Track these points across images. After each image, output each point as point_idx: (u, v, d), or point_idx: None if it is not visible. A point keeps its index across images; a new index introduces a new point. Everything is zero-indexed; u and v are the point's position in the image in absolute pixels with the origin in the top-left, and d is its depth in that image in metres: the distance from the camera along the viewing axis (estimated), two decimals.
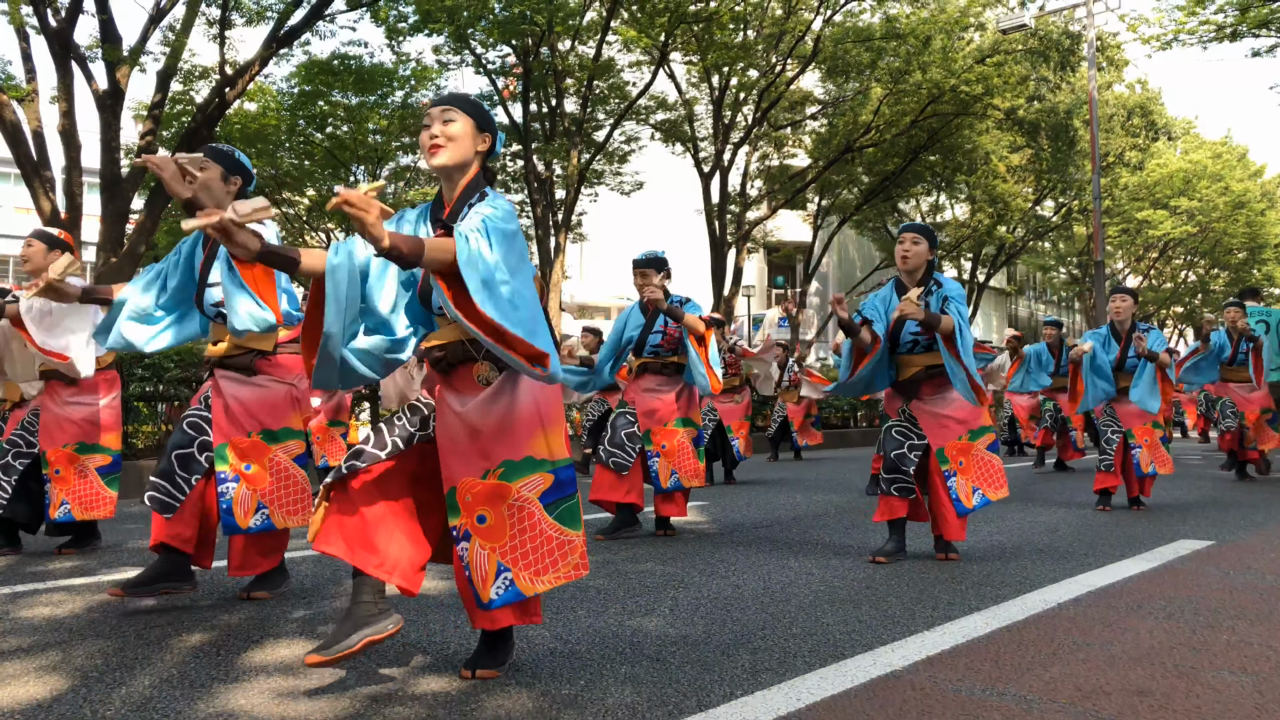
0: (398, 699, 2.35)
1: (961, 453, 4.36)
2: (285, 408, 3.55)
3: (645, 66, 18.46)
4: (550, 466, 2.51)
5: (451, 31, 15.65)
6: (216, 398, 3.46)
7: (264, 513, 3.42)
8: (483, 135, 2.59)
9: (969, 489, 4.34)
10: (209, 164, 3.31)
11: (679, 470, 5.20)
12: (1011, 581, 3.83)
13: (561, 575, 2.48)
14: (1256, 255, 32.42)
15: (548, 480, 2.50)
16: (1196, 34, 14.48)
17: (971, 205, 25.74)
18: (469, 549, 2.46)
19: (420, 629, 3.06)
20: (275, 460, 3.48)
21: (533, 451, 2.49)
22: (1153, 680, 2.47)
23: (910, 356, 4.40)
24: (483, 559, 2.45)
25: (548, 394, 2.55)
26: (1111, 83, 27.06)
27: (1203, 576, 3.94)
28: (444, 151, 2.51)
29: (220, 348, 3.50)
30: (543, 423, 2.52)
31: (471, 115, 2.56)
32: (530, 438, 2.49)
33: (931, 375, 4.36)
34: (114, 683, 2.48)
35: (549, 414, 2.55)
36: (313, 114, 16.06)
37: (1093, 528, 5.49)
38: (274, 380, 3.54)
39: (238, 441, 3.42)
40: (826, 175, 21.28)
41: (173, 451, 3.38)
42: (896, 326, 4.36)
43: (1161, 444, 6.31)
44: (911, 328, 4.33)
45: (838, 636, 2.94)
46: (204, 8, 12.92)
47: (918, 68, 17.96)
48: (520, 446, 2.48)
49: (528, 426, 2.50)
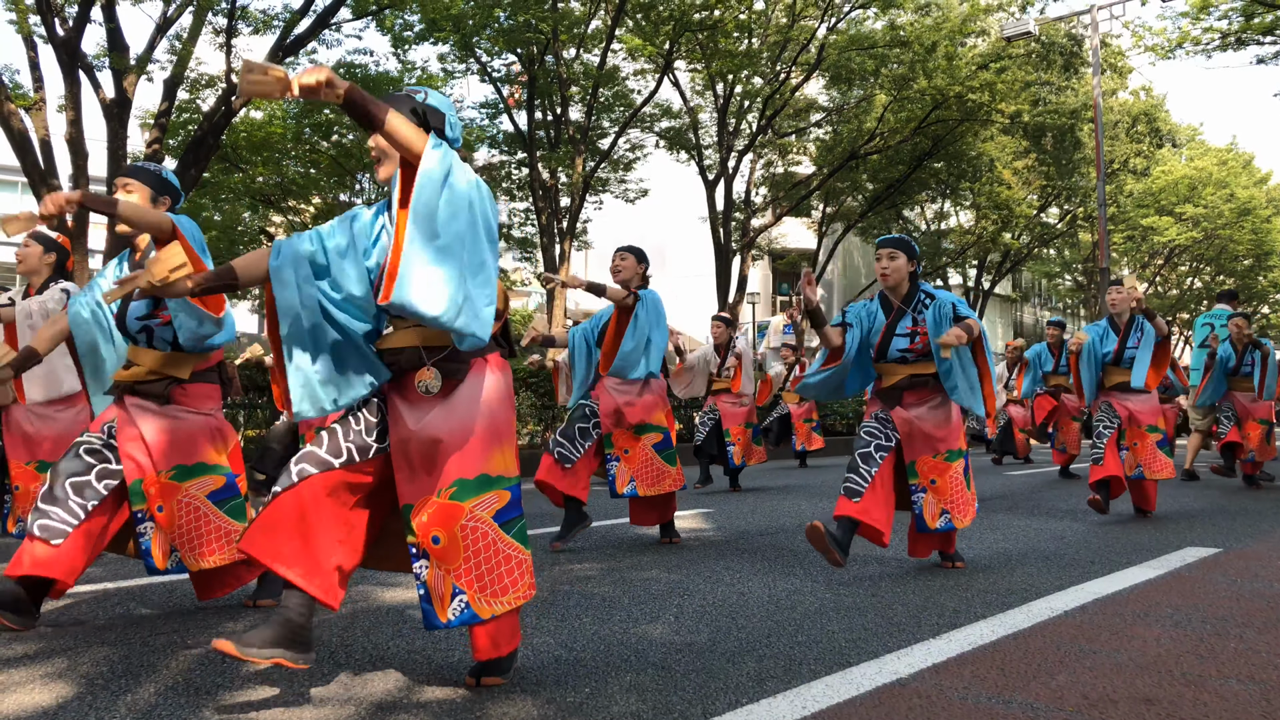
0: (403, 706, 2.35)
1: (935, 471, 4.16)
2: (201, 441, 3.29)
3: (650, 75, 18.51)
4: (505, 484, 2.43)
5: (457, 40, 15.71)
6: (127, 427, 3.20)
7: (175, 556, 3.24)
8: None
9: (937, 509, 4.15)
10: (133, 184, 3.23)
11: (638, 479, 4.93)
12: (1018, 589, 3.82)
13: (520, 595, 2.41)
14: (1262, 262, 32.34)
15: (503, 498, 2.42)
16: (1200, 43, 14.48)
17: (976, 212, 25.73)
18: (426, 569, 2.39)
19: (425, 634, 3.05)
20: (185, 501, 3.21)
21: (488, 469, 2.41)
22: (1160, 688, 2.46)
23: (895, 366, 4.23)
24: (439, 580, 2.38)
25: (503, 408, 2.47)
26: (1116, 90, 27.06)
27: (1210, 584, 3.92)
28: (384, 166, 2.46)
29: (133, 371, 3.26)
30: (498, 438, 2.45)
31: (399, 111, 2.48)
32: (486, 455, 2.41)
33: (915, 384, 4.18)
34: (119, 690, 2.48)
35: (503, 429, 2.47)
36: (318, 122, 16.10)
37: (1099, 535, 5.47)
38: (187, 411, 3.29)
39: (150, 480, 3.18)
40: (831, 182, 21.28)
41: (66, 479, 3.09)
42: (883, 341, 4.21)
43: (1159, 448, 6.07)
44: (900, 345, 4.17)
45: (843, 644, 2.93)
46: (210, 17, 12.98)
47: (922, 74, 17.98)
48: (474, 464, 2.40)
49: (483, 443, 2.42)
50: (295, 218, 17.59)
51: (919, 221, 27.45)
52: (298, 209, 17.52)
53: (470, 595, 2.36)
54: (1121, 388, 6.15)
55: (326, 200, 17.73)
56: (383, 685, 2.53)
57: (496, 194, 19.73)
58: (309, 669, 2.60)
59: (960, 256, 26.62)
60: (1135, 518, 6.29)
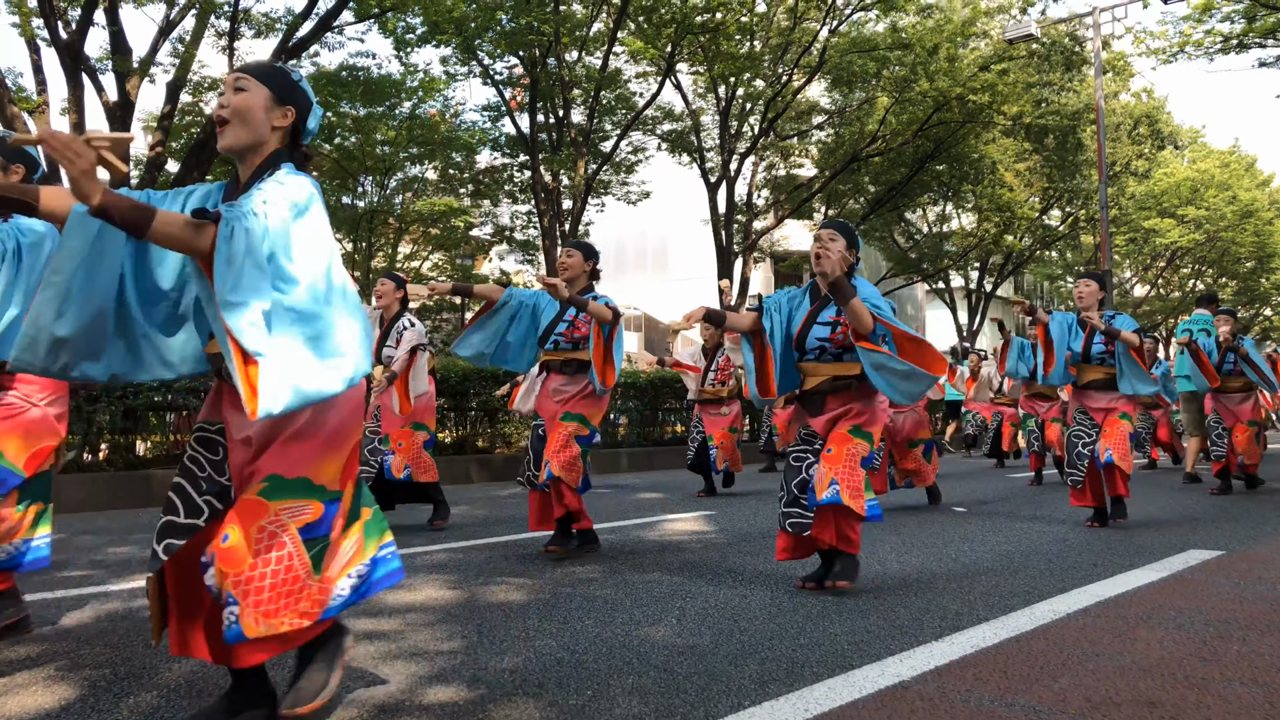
0: (405, 709, 2.35)
1: (836, 440, 3.79)
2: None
3: (652, 77, 18.53)
4: (325, 497, 2.13)
5: (459, 43, 15.74)
6: None
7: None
8: (283, 109, 2.24)
9: (827, 478, 3.70)
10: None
11: (552, 460, 4.57)
12: (1020, 592, 3.81)
13: (294, 622, 2.04)
14: (1265, 264, 32.33)
15: (317, 511, 2.11)
16: (1202, 45, 14.49)
17: (978, 214, 25.72)
18: (212, 576, 2.01)
19: (428, 637, 3.05)
20: None
21: (313, 474, 2.11)
22: (1163, 691, 2.45)
23: (816, 364, 3.88)
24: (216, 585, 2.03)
25: (345, 415, 2.17)
26: (1117, 92, 27.05)
27: (1213, 587, 3.92)
28: (229, 129, 2.18)
29: None
30: (333, 445, 2.14)
31: (267, 84, 2.22)
32: (311, 458, 2.11)
33: (839, 388, 3.85)
34: (121, 692, 2.48)
35: (340, 437, 2.16)
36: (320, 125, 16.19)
37: (1101, 538, 5.46)
38: None
39: None
40: (833, 185, 21.30)
41: None
42: (803, 330, 3.89)
43: (1128, 438, 5.88)
44: (821, 334, 3.83)
45: (845, 647, 2.93)
46: (213, 20, 13.03)
47: (923, 76, 17.99)
48: (296, 463, 2.09)
49: (311, 443, 2.11)
50: None
51: (921, 224, 27.46)
52: None
53: (241, 609, 1.98)
54: (1093, 385, 5.95)
55: (329, 202, 17.76)
56: (384, 687, 2.53)
57: (499, 196, 19.77)
58: None
59: (962, 259, 26.61)
60: (1120, 520, 6.07)
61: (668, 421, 13.65)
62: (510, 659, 2.80)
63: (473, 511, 6.94)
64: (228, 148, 2.18)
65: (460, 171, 19.07)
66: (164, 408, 8.78)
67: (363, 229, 17.10)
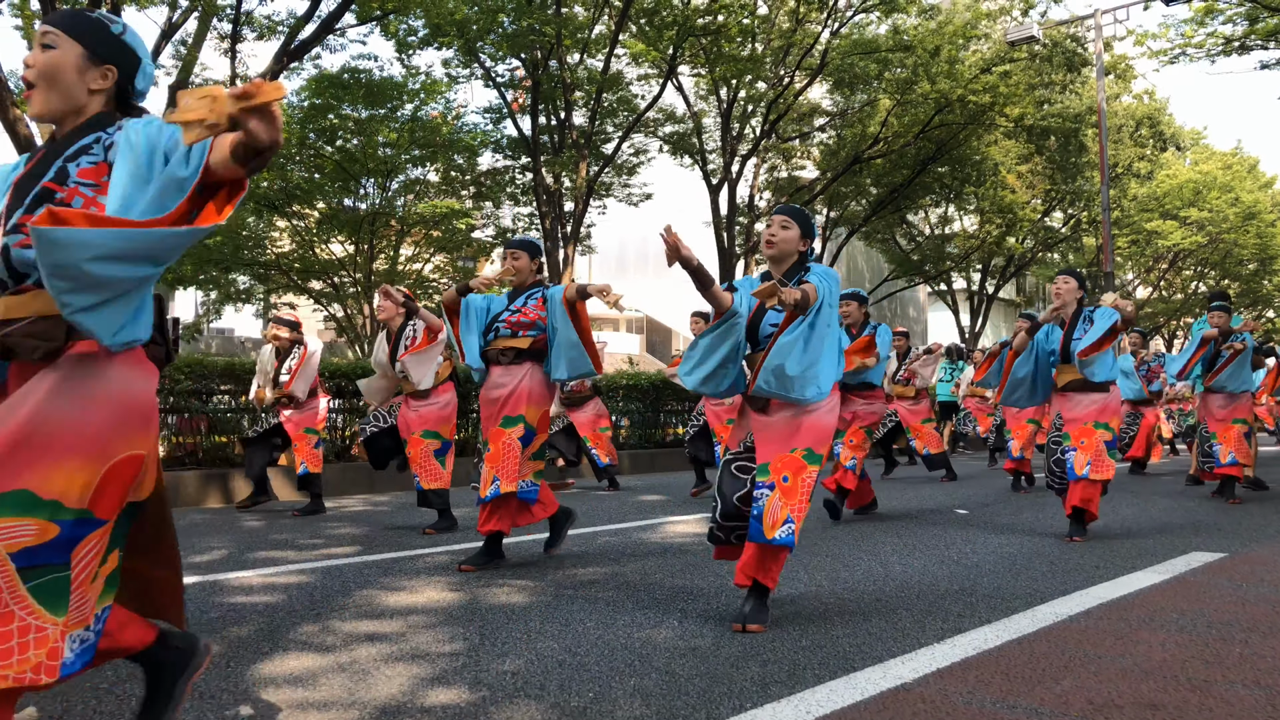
0: (407, 711, 2.35)
1: (789, 468, 3.36)
2: None
3: (653, 79, 18.53)
4: (60, 515, 1.66)
5: (461, 45, 15.75)
6: None
7: None
8: (102, 68, 1.89)
9: (781, 515, 3.29)
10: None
11: (501, 476, 4.38)
12: (1022, 594, 3.81)
13: (12, 676, 1.60)
14: (1267, 266, 32.30)
15: (46, 533, 1.64)
16: (1204, 47, 14.49)
17: (980, 216, 25.71)
18: None
19: (429, 639, 3.06)
20: None
21: (38, 485, 1.64)
22: (1165, 693, 2.45)
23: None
24: None
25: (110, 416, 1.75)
26: (1119, 94, 27.05)
27: (1215, 589, 3.91)
28: (35, 95, 1.84)
29: None
30: (78, 451, 1.69)
31: (79, 40, 1.86)
32: (45, 465, 1.66)
33: None
34: (124, 695, 2.49)
35: (95, 444, 1.71)
36: (323, 127, 16.15)
37: (1103, 540, 5.46)
38: None
39: None
40: (835, 187, 21.30)
41: None
42: (755, 318, 3.53)
43: (1105, 447, 5.61)
44: (773, 319, 3.48)
45: (847, 649, 2.93)
46: (215, 23, 13.04)
47: (925, 78, 18.00)
48: (17, 472, 1.64)
49: (47, 448, 1.66)
50: (299, 222, 17.63)
51: (923, 226, 27.45)
52: (302, 214, 17.55)
53: None
54: (1072, 387, 5.71)
55: (330, 205, 17.76)
56: (386, 689, 2.53)
57: (501, 199, 19.76)
58: (312, 672, 2.61)
59: (964, 261, 26.59)
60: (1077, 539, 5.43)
61: (669, 424, 13.66)
62: (512, 661, 2.80)
63: (474, 514, 6.93)
64: (37, 116, 1.86)
65: (462, 174, 19.07)
66: (164, 409, 8.79)
67: (364, 231, 17.10)
